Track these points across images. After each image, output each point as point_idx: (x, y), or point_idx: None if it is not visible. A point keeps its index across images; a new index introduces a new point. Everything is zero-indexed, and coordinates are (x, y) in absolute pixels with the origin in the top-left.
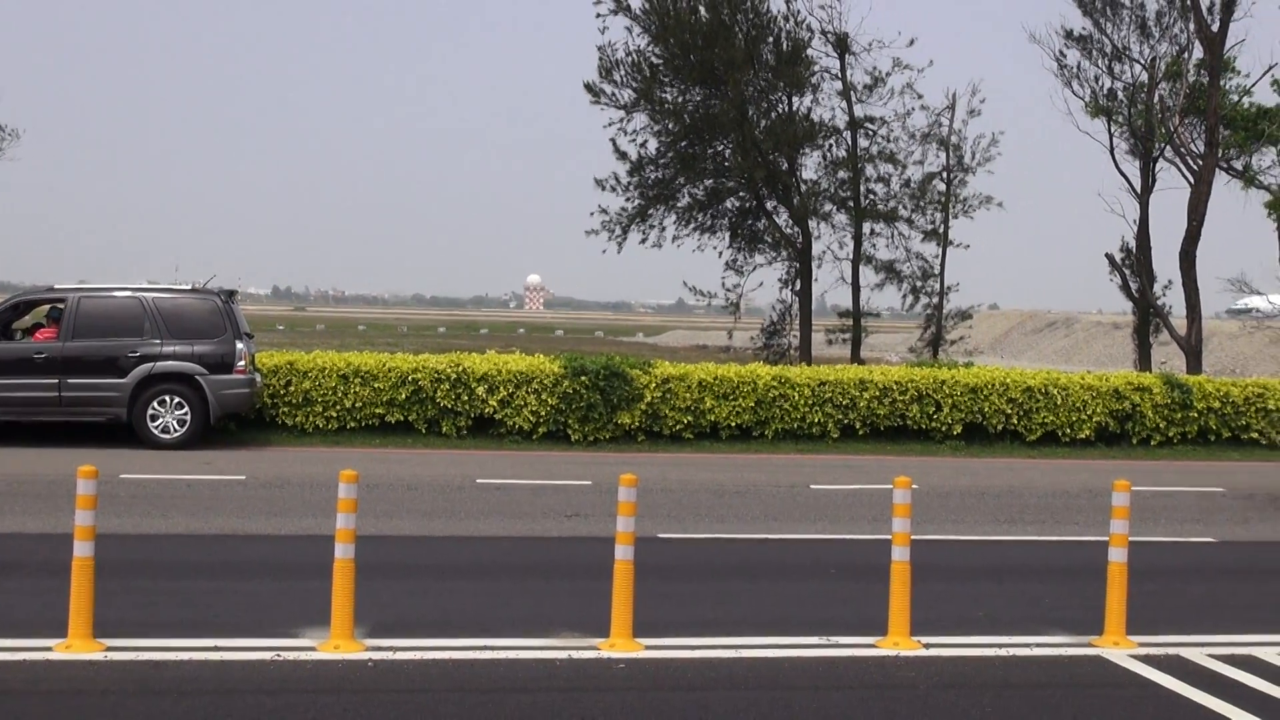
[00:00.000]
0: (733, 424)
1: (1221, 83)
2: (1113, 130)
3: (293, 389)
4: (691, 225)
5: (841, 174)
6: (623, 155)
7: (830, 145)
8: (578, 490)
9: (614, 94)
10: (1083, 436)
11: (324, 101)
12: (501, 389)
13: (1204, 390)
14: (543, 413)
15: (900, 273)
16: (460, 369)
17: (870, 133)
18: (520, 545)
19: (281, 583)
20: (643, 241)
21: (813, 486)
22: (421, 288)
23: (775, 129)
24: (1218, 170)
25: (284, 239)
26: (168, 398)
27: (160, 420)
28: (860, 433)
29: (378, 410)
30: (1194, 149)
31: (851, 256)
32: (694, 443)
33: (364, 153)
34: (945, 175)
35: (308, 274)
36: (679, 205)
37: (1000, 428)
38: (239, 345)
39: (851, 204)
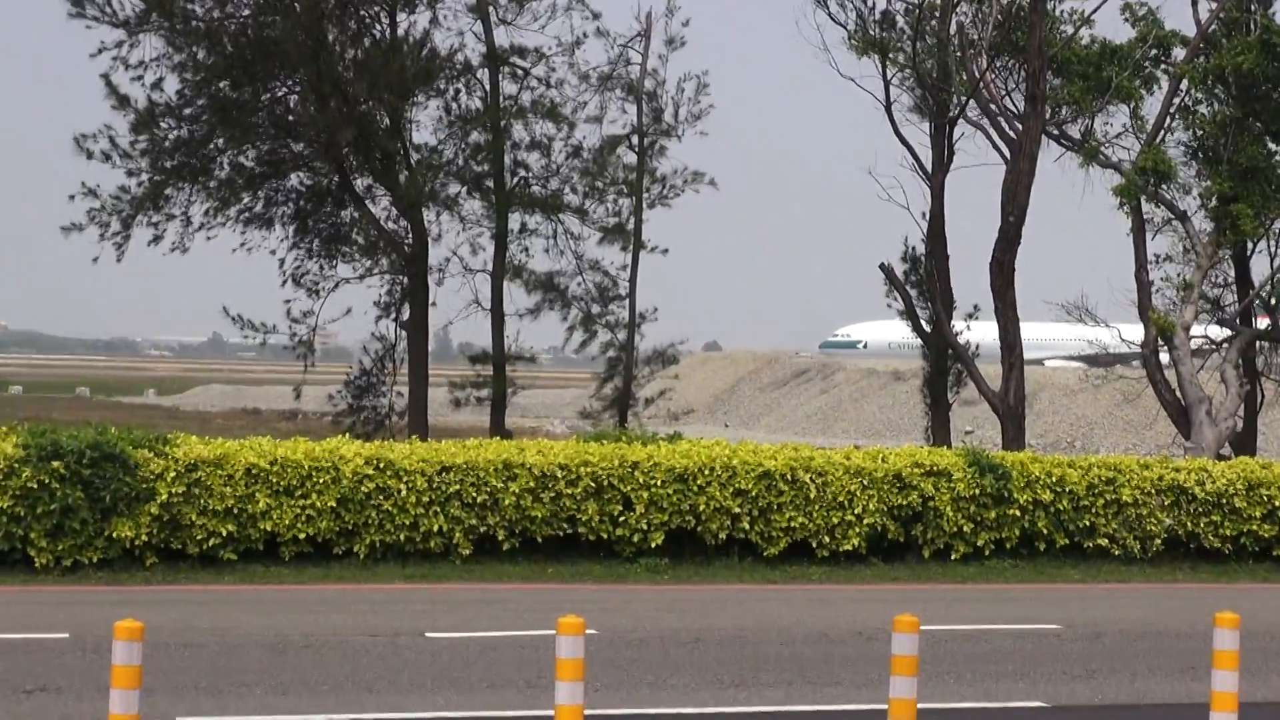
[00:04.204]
0: (301, 535)
1: (1049, 6)
2: (891, 76)
3: None
4: (235, 214)
5: (476, 136)
6: (123, 101)
7: (458, 91)
8: (45, 648)
9: (108, 2)
10: (849, 548)
11: None
12: None
13: (1028, 473)
14: None
15: (567, 292)
16: None
17: (521, 73)
18: None
19: None
20: (155, 241)
21: (430, 634)
22: None
23: (370, 63)
24: (1045, 138)
25: None
26: None
27: None
28: (506, 546)
29: None
30: (1010, 106)
31: (491, 266)
32: (239, 567)
33: None
34: (636, 140)
35: None
36: (215, 181)
37: (724, 536)
38: None
39: (491, 184)
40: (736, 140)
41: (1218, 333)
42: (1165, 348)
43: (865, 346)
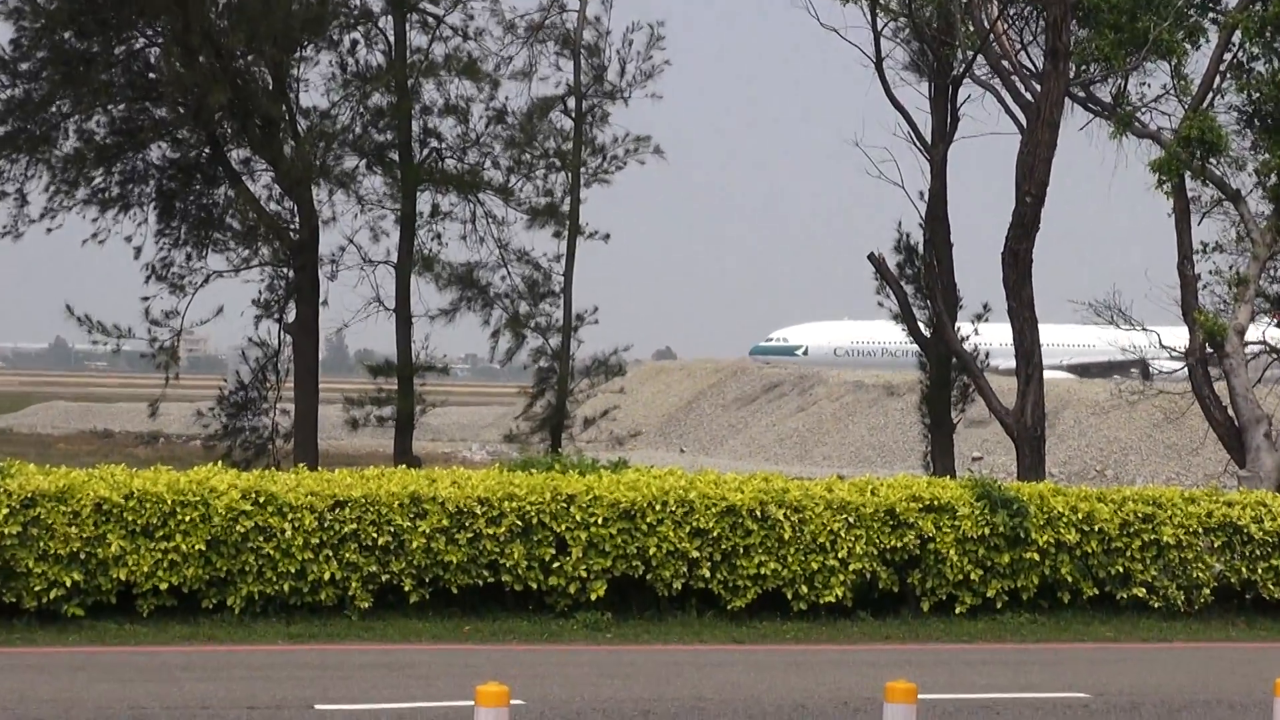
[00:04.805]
0: (163, 585)
1: None
2: (882, 27)
3: None
4: (85, 195)
5: (377, 98)
6: None
7: (355, 43)
8: None
9: None
10: (831, 600)
11: None
12: None
13: (1049, 509)
14: None
15: (488, 288)
16: None
17: (432, 21)
18: None
19: None
20: None
21: (320, 706)
22: None
23: (248, 9)
24: (1069, 102)
25: None
26: None
27: None
28: (413, 598)
29: None
30: (1026, 64)
31: (396, 257)
32: (86, 624)
33: None
34: (573, 104)
35: None
36: (58, 153)
37: (679, 586)
38: None
39: (395, 156)
40: (695, 105)
41: (1278, 337)
42: (1215, 356)
43: (805, 353)
